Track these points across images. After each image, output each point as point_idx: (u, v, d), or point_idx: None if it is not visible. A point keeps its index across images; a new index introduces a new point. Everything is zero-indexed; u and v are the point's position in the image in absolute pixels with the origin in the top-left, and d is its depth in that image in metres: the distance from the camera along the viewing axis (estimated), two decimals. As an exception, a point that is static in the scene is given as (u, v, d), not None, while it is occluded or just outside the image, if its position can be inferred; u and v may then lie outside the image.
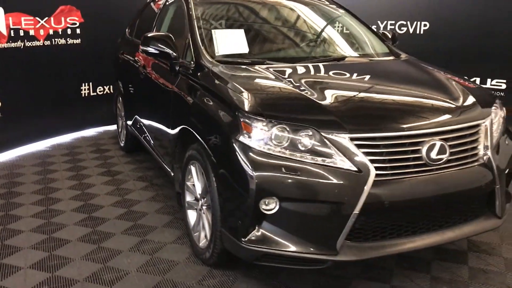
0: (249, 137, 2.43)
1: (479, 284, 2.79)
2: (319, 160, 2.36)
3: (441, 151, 2.47)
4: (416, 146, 2.44)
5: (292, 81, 2.81)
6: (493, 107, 2.86)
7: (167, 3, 4.21)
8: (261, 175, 2.34)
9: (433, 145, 2.45)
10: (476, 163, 2.62)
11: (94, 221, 3.57)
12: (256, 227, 2.42)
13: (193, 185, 3.01)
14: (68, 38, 5.66)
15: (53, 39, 5.50)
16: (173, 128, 3.28)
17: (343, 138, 2.37)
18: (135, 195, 4.06)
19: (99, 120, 6.21)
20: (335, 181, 2.32)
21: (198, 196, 2.96)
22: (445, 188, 2.49)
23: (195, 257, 3.05)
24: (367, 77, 3.10)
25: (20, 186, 4.23)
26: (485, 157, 2.64)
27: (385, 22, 7.13)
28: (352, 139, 2.37)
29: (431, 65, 3.43)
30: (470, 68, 6.59)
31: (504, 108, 3.00)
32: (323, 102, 2.58)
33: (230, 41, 3.31)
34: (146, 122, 4.17)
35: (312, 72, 3.09)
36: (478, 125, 2.67)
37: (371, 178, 2.32)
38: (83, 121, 6.07)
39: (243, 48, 3.30)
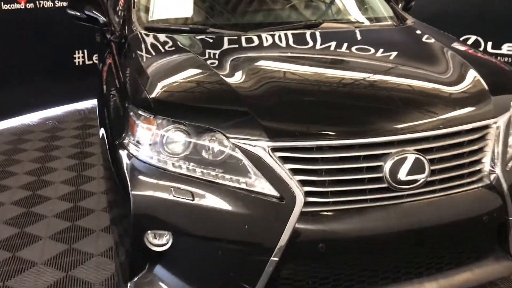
0: (134, 140, 1.71)
1: None
2: (226, 178, 1.61)
3: (417, 168, 1.62)
4: (375, 161, 1.62)
5: (221, 61, 2.02)
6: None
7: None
8: (143, 198, 1.63)
9: (403, 159, 1.62)
10: (477, 185, 1.76)
11: (28, 218, 3.04)
12: (146, 268, 1.73)
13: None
14: (56, 1, 5.09)
15: (37, 2, 4.93)
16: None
17: (261, 148, 1.59)
18: (92, 186, 3.47)
19: (95, 91, 5.67)
20: (245, 211, 1.57)
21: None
22: (422, 222, 1.66)
23: (113, 279, 2.43)
24: (334, 54, 2.23)
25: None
26: (492, 176, 1.76)
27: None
28: (274, 149, 1.59)
29: (441, 35, 2.49)
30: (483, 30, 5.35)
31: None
32: (245, 93, 1.78)
33: (171, 2, 2.55)
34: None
35: (259, 45, 2.26)
36: (485, 127, 1.78)
37: (298, 208, 1.55)
38: (77, 92, 5.54)
39: (186, 11, 2.53)
